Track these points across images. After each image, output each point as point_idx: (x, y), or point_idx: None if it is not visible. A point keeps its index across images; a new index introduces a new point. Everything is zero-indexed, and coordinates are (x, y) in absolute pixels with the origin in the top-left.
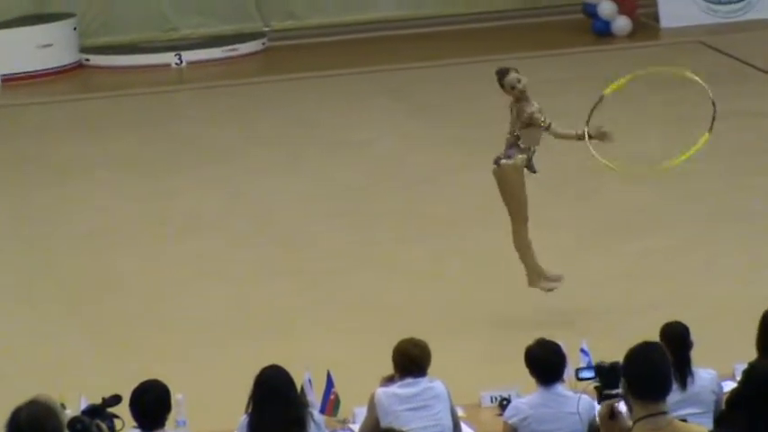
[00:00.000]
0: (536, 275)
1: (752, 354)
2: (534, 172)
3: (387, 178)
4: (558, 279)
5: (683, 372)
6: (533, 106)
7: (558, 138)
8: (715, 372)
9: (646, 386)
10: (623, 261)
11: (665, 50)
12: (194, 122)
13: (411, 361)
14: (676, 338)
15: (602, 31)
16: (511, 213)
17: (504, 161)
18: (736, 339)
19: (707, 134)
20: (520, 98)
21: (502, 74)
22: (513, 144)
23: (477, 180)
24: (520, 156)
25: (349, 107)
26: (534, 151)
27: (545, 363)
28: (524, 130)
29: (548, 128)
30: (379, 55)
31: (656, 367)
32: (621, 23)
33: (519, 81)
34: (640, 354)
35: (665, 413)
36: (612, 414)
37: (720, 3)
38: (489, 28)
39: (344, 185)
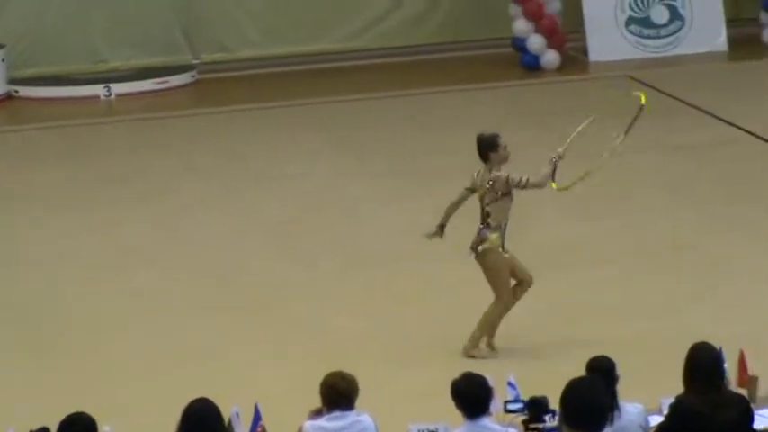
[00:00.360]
0: (472, 347)
1: (679, 388)
2: (506, 252)
3: (319, 211)
4: (489, 355)
5: (610, 406)
6: (503, 172)
7: (536, 188)
8: (642, 406)
9: (582, 418)
10: (551, 295)
11: (594, 84)
12: (124, 155)
13: (338, 394)
14: (602, 372)
15: (532, 65)
16: (496, 294)
17: (481, 247)
18: (663, 373)
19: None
20: (499, 165)
21: (493, 138)
22: (484, 225)
23: (407, 212)
24: (493, 235)
25: (279, 140)
26: (505, 227)
27: (471, 396)
28: (494, 204)
29: (525, 185)
30: (308, 88)
31: (594, 400)
32: (550, 57)
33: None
34: (580, 386)
35: None
36: None
37: (649, 37)
38: (420, 61)
39: (277, 218)
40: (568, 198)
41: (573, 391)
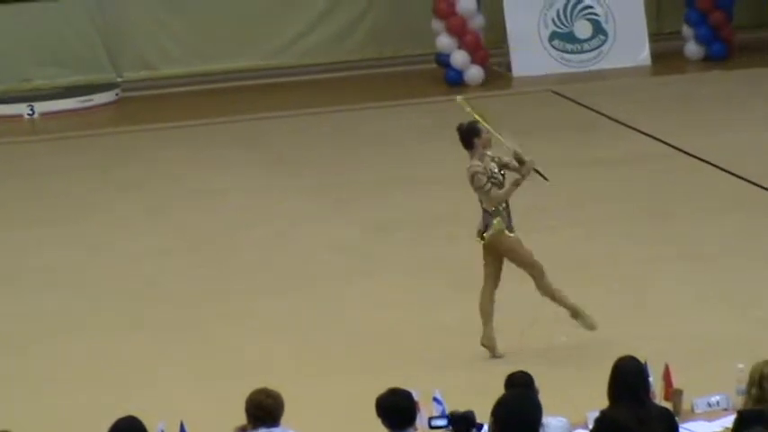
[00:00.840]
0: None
1: (604, 402)
2: (512, 232)
3: (245, 228)
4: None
5: (540, 420)
6: (478, 164)
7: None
8: (566, 419)
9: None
10: (475, 311)
11: (517, 99)
12: (48, 174)
13: (264, 411)
14: (520, 387)
15: (455, 81)
16: (526, 270)
17: (486, 235)
18: (588, 387)
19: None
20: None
21: (472, 125)
22: (484, 211)
23: (335, 228)
24: (495, 221)
25: (205, 157)
26: (506, 208)
27: (396, 411)
28: (479, 193)
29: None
30: (233, 105)
31: (525, 414)
32: (474, 73)
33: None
34: (513, 399)
35: None
36: None
37: (572, 52)
38: (344, 78)
39: (203, 236)
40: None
41: (504, 405)
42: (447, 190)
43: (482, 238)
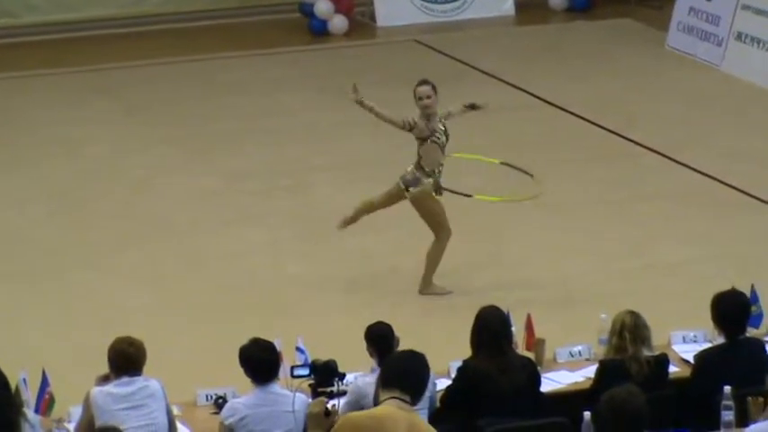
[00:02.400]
0: (426, 285)
1: (467, 351)
2: (440, 194)
3: (104, 179)
4: (444, 291)
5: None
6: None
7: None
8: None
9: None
10: (343, 261)
11: (382, 49)
12: None
13: (126, 359)
14: (380, 338)
15: (319, 30)
16: (433, 231)
17: (413, 189)
18: (450, 337)
19: None
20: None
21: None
22: (418, 167)
23: (196, 178)
24: (426, 180)
25: (67, 106)
26: (439, 173)
27: (259, 362)
28: (422, 147)
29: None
30: (95, 54)
31: (414, 365)
32: (338, 22)
33: (427, 96)
34: (402, 354)
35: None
36: (327, 412)
37: (436, 2)
38: (207, 27)
39: (61, 186)
40: (345, 164)
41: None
42: (302, 141)
43: (407, 191)
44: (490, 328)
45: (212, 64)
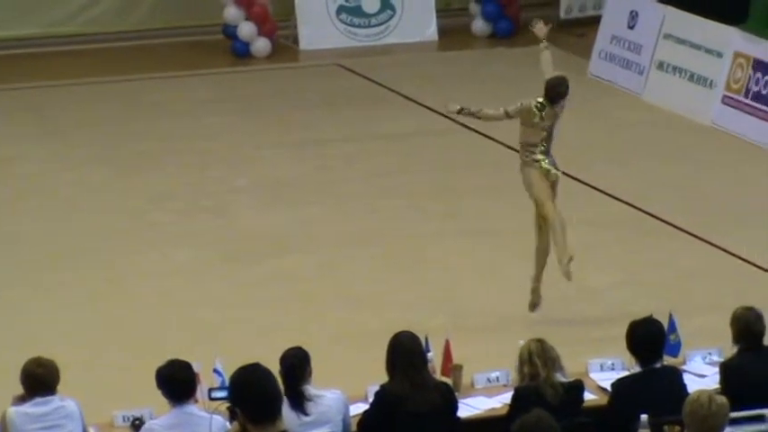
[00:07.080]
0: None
1: (384, 376)
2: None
3: (31, 197)
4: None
5: (299, 398)
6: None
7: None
8: (339, 392)
9: (257, 410)
10: (248, 285)
11: (304, 72)
12: None
13: (37, 380)
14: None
15: (242, 53)
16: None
17: (528, 159)
18: (369, 362)
19: None
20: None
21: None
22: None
23: (117, 198)
24: (540, 156)
25: None
26: (544, 149)
27: (176, 382)
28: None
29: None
30: (16, 73)
31: (264, 390)
32: (261, 45)
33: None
34: (247, 376)
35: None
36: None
37: (360, 26)
38: (129, 47)
39: None
40: (267, 186)
41: (239, 385)
42: (224, 162)
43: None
44: (404, 350)
45: (136, 85)
